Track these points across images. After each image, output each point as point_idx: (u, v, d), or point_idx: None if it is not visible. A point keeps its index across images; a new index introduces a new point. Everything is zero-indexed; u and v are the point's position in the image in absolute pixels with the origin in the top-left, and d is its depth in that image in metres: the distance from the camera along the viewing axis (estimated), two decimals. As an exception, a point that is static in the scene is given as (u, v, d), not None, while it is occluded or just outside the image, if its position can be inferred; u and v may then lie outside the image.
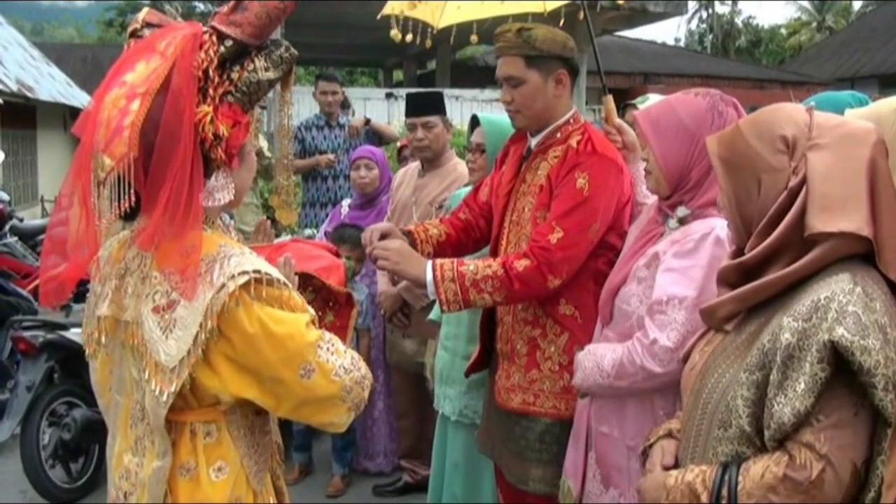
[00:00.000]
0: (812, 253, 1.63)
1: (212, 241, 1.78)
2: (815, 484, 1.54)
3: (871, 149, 1.68)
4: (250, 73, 1.78)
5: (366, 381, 1.86)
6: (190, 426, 1.81)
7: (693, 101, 2.36)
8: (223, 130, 1.72)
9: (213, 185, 1.81)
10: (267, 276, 1.74)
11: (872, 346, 1.50)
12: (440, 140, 4.26)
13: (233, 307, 1.69)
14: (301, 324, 1.77)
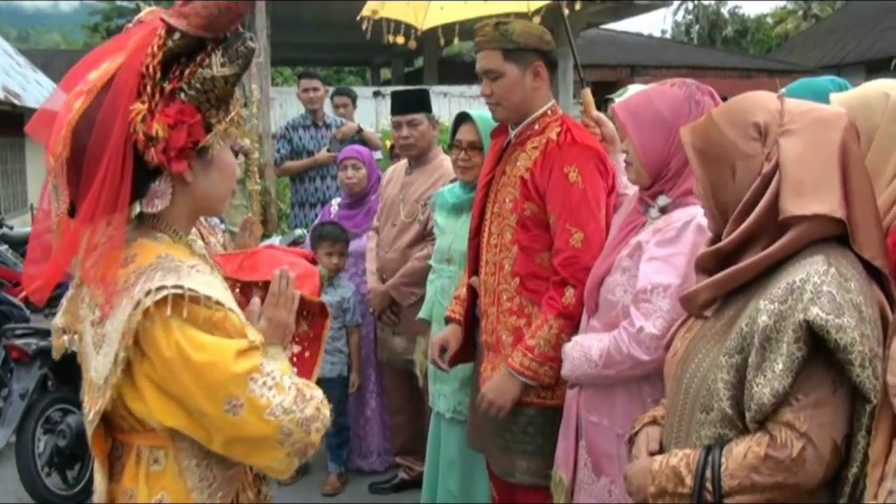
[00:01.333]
0: (786, 236, 1.66)
1: (150, 251, 1.67)
2: (797, 462, 1.57)
3: (842, 133, 1.71)
4: (203, 69, 1.65)
5: (314, 425, 1.66)
6: (136, 450, 1.71)
7: (670, 92, 2.40)
8: (158, 130, 1.59)
9: (155, 191, 1.68)
10: (192, 292, 1.59)
11: (847, 324, 1.53)
12: (426, 137, 4.27)
13: (149, 326, 1.57)
14: (228, 352, 1.59)
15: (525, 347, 2.80)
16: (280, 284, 1.85)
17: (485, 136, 3.49)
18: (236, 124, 1.75)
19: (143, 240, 1.70)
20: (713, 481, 1.65)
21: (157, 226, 1.74)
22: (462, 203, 3.65)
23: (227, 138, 1.74)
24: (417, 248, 4.23)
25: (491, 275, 3.01)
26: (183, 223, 1.77)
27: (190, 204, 1.76)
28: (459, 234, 3.56)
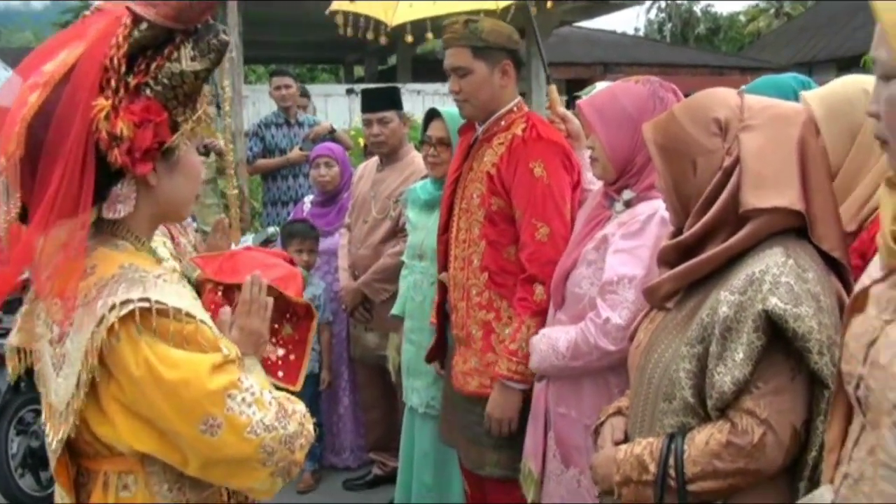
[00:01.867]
0: (745, 228, 1.70)
1: (112, 261, 1.54)
2: (758, 448, 1.62)
3: (801, 128, 1.75)
4: (172, 63, 1.52)
5: (297, 441, 1.56)
6: (104, 476, 1.58)
7: (634, 89, 2.44)
8: (122, 129, 1.46)
9: (117, 194, 1.55)
10: (159, 305, 1.47)
11: (805, 313, 1.58)
12: (396, 135, 4.29)
13: (115, 344, 1.44)
14: (203, 367, 1.47)
15: (508, 353, 2.83)
16: (252, 291, 1.75)
17: (453, 133, 3.52)
18: (203, 123, 1.64)
19: (103, 248, 1.57)
20: (676, 468, 1.69)
21: (117, 233, 1.61)
22: (434, 199, 3.67)
23: (193, 138, 1.63)
24: (389, 244, 4.25)
25: (460, 270, 3.04)
26: (145, 229, 1.65)
27: (153, 209, 1.63)
28: (432, 230, 3.58)
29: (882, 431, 1.23)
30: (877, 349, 1.27)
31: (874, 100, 1.31)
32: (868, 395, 1.28)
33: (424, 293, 3.66)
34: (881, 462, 1.24)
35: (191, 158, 1.66)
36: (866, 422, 1.30)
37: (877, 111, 1.30)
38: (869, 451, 1.28)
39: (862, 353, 1.31)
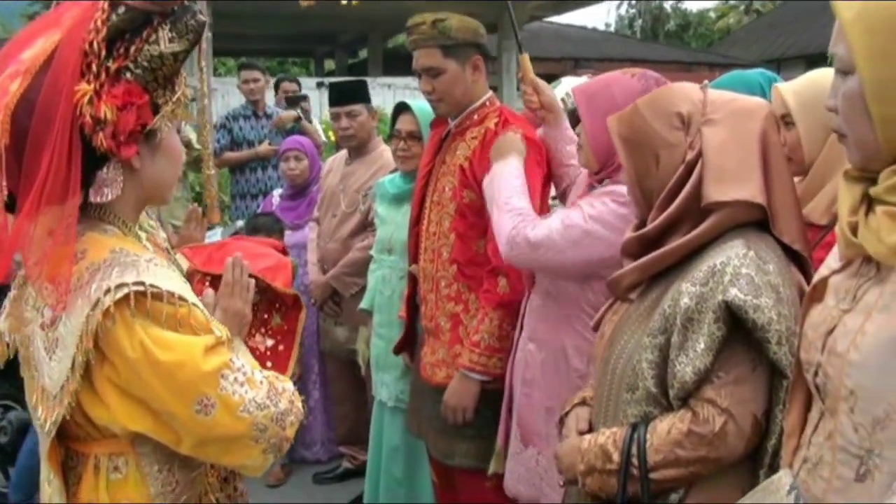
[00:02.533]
0: (707, 221, 1.73)
1: (102, 245, 1.56)
2: (719, 436, 1.64)
3: (762, 122, 1.78)
4: (151, 46, 1.53)
5: (288, 418, 1.61)
6: (94, 459, 1.60)
7: (628, 83, 2.42)
8: (106, 113, 1.47)
9: (104, 178, 1.56)
10: (153, 288, 1.49)
11: (765, 304, 1.61)
12: (365, 128, 4.29)
13: (110, 326, 1.46)
14: (196, 349, 1.51)
15: (471, 344, 2.85)
16: (234, 273, 1.78)
17: (424, 127, 3.53)
18: (182, 105, 1.65)
19: (92, 233, 1.58)
20: (639, 457, 1.71)
21: (104, 217, 1.63)
22: (403, 193, 3.68)
23: (173, 120, 1.64)
24: (358, 238, 4.25)
25: (430, 262, 3.06)
26: (131, 213, 1.67)
27: (137, 192, 1.65)
28: (401, 224, 3.60)
29: (839, 417, 1.26)
30: (834, 338, 1.30)
31: (832, 94, 1.35)
32: (826, 383, 1.31)
33: (393, 287, 3.67)
34: (839, 447, 1.27)
35: (172, 140, 1.69)
36: (825, 408, 1.34)
37: (834, 105, 1.34)
38: (827, 436, 1.31)
39: (820, 342, 1.34)
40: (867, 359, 1.21)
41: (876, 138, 1.26)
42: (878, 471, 1.19)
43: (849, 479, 1.25)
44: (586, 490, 1.84)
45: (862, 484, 1.22)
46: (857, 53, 1.25)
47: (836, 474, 1.28)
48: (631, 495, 1.74)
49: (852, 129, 1.31)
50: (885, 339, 1.19)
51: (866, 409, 1.21)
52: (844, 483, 1.25)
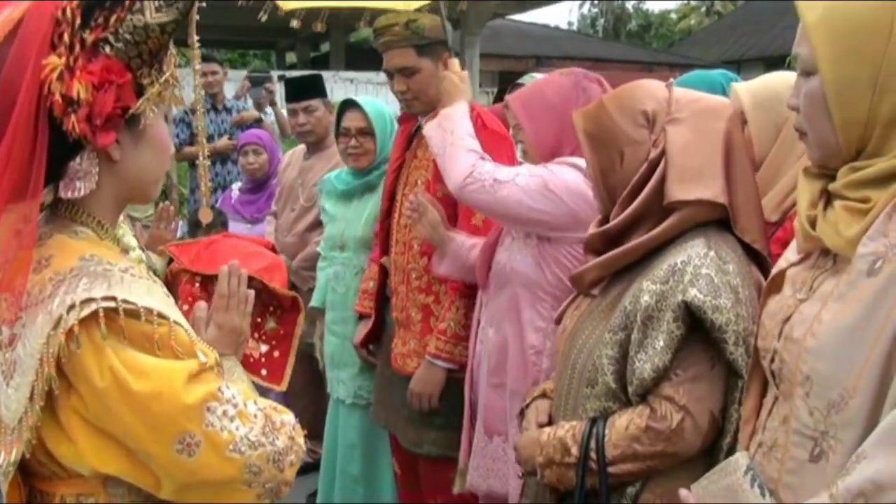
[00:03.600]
0: (669, 219, 1.75)
1: (71, 251, 1.33)
2: (676, 432, 1.67)
3: (727, 122, 1.80)
4: (134, 15, 1.30)
5: (287, 458, 1.38)
6: (60, 499, 1.37)
7: (559, 81, 2.46)
8: (79, 91, 1.25)
9: (76, 170, 1.33)
10: (127, 304, 1.27)
11: (724, 304, 1.63)
12: (322, 123, 4.26)
13: (75, 350, 1.24)
14: (177, 377, 1.28)
15: (438, 332, 2.89)
16: (230, 283, 1.58)
17: (376, 121, 3.52)
18: (171, 87, 1.41)
19: (60, 236, 1.36)
20: (597, 451, 1.73)
21: (76, 217, 1.40)
22: (352, 189, 3.66)
23: (160, 104, 1.39)
24: (316, 232, 4.21)
25: (401, 254, 3.09)
26: (108, 213, 1.43)
27: (117, 188, 1.41)
28: (352, 220, 3.60)
29: (794, 401, 1.30)
30: (791, 325, 1.34)
31: (794, 94, 1.38)
32: (782, 368, 1.35)
33: (347, 284, 3.65)
34: (793, 429, 1.31)
35: (159, 128, 1.45)
36: (779, 393, 1.38)
37: (796, 104, 1.37)
38: (782, 420, 1.35)
39: (777, 329, 1.38)
40: (823, 345, 1.25)
41: (836, 137, 1.30)
42: (833, 452, 1.23)
43: (802, 459, 1.29)
44: (545, 482, 1.86)
45: (816, 464, 1.26)
46: (820, 55, 1.28)
47: (789, 455, 1.32)
48: (589, 488, 1.76)
49: (813, 128, 1.35)
50: (841, 327, 1.22)
51: (821, 394, 1.25)
52: (798, 464, 1.30)
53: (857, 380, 1.19)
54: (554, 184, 2.31)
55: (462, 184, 2.40)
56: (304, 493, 4.39)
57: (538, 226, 2.36)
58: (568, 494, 1.84)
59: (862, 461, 1.14)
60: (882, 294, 1.18)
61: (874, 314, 1.18)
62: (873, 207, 1.24)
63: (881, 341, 1.17)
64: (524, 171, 2.37)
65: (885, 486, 1.09)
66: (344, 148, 3.64)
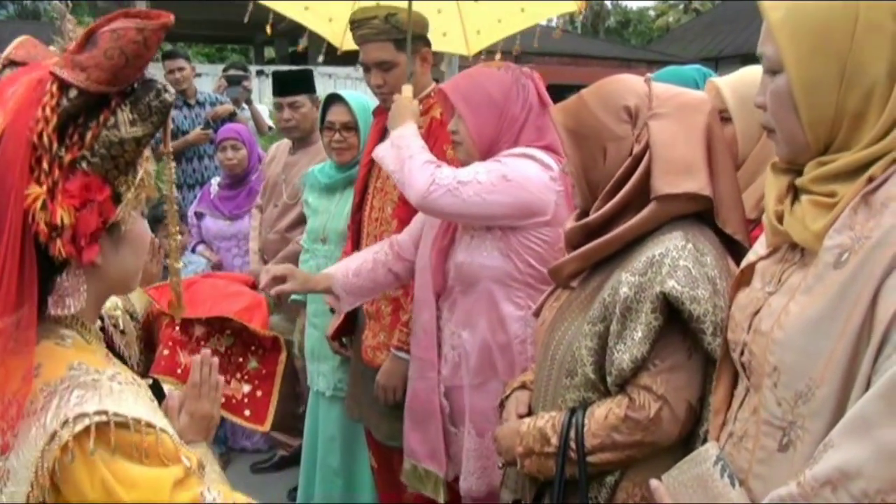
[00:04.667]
0: (645, 210, 1.77)
1: (59, 360, 1.33)
2: (654, 422, 1.70)
3: (707, 116, 1.84)
4: (109, 131, 1.31)
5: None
6: None
7: (499, 76, 2.49)
8: (63, 217, 1.26)
9: (64, 287, 1.34)
10: (118, 417, 1.27)
11: (701, 295, 1.66)
12: (308, 119, 4.25)
13: (67, 463, 1.24)
14: (165, 484, 1.30)
15: (402, 324, 2.91)
16: (202, 373, 1.61)
17: (360, 116, 3.53)
18: (146, 185, 1.41)
19: (47, 343, 1.35)
20: (577, 441, 1.75)
21: (60, 321, 1.39)
22: (335, 183, 3.67)
23: (138, 206, 1.40)
24: (298, 230, 4.20)
25: None
26: (91, 313, 1.44)
27: (99, 289, 1.42)
28: (334, 214, 3.61)
29: (763, 392, 1.33)
30: (759, 318, 1.37)
31: (760, 92, 1.41)
32: (751, 360, 1.38)
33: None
34: (762, 420, 1.33)
35: (137, 228, 1.44)
36: (750, 385, 1.41)
37: (763, 102, 1.40)
38: (752, 411, 1.38)
39: (746, 322, 1.41)
40: (790, 336, 1.27)
41: (804, 134, 1.33)
42: (801, 441, 1.26)
43: (772, 449, 1.31)
44: (524, 472, 1.89)
45: (784, 454, 1.29)
46: (786, 54, 1.31)
47: (759, 445, 1.34)
48: (568, 477, 1.79)
49: (781, 125, 1.38)
50: (808, 319, 1.25)
51: (789, 384, 1.27)
52: (767, 453, 1.32)
53: (824, 370, 1.21)
54: (512, 174, 2.34)
55: (426, 192, 2.41)
56: (286, 489, 4.40)
57: (505, 218, 2.39)
58: (547, 484, 1.86)
59: (829, 450, 1.16)
60: (848, 286, 1.20)
61: (840, 306, 1.21)
62: (839, 201, 1.27)
63: (847, 332, 1.19)
64: (481, 168, 2.40)
65: (852, 474, 1.12)
66: (328, 142, 3.66)
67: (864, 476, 1.11)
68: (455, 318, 2.59)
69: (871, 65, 1.25)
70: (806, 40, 1.29)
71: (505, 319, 2.47)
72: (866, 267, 1.18)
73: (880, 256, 1.17)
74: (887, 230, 1.18)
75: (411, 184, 2.47)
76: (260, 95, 12.47)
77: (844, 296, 1.20)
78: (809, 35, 1.28)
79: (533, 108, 2.49)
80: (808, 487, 1.16)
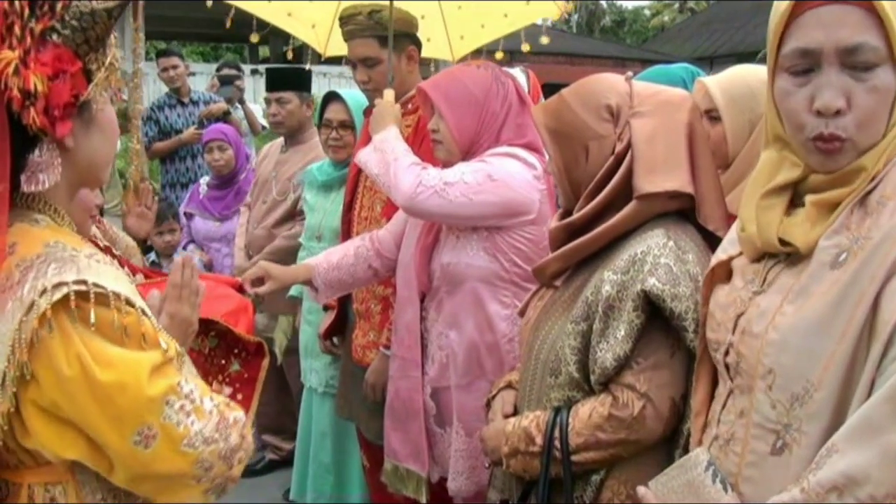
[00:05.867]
0: (627, 208, 1.77)
1: (34, 238, 1.33)
2: (638, 419, 1.70)
3: (688, 114, 1.84)
4: (80, 1, 1.30)
5: (237, 455, 1.39)
6: (28, 489, 1.37)
7: (478, 74, 2.50)
8: (36, 84, 1.24)
9: (37, 163, 1.32)
10: (97, 288, 1.26)
11: (683, 293, 1.66)
12: (294, 116, 4.25)
13: (45, 335, 1.23)
14: (142, 368, 1.28)
15: (390, 322, 2.91)
16: (183, 274, 1.58)
17: (356, 115, 3.55)
18: (115, 70, 1.39)
19: (21, 224, 1.35)
20: (561, 440, 1.75)
21: (32, 205, 1.39)
22: (331, 181, 3.69)
23: (107, 89, 1.39)
24: (285, 226, 4.22)
25: None
26: (63, 199, 1.42)
27: (70, 174, 1.40)
28: (329, 211, 3.63)
29: (756, 395, 1.31)
30: (748, 318, 1.35)
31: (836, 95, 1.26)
32: (739, 362, 1.36)
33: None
34: (753, 423, 1.32)
35: (108, 112, 1.44)
36: (735, 386, 1.39)
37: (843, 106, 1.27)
38: (739, 414, 1.37)
39: (731, 323, 1.40)
40: (787, 338, 1.26)
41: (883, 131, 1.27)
42: (797, 444, 1.24)
43: (763, 452, 1.30)
44: (510, 471, 1.89)
45: (778, 457, 1.27)
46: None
47: (749, 449, 1.33)
48: (553, 476, 1.79)
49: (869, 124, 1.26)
50: (806, 320, 1.24)
51: (785, 387, 1.26)
52: (759, 457, 1.31)
53: (823, 373, 1.20)
54: (498, 174, 2.35)
55: (413, 194, 2.41)
56: (280, 490, 4.38)
57: (493, 218, 2.39)
58: (534, 483, 1.85)
59: (833, 455, 1.15)
60: (849, 287, 1.19)
61: (841, 307, 1.19)
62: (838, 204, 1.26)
63: (848, 334, 1.18)
64: (467, 168, 2.41)
65: (859, 480, 1.11)
66: (325, 139, 3.69)
67: (871, 481, 1.10)
68: (442, 319, 2.59)
69: None
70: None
71: (492, 319, 2.47)
72: (868, 268, 1.17)
73: (883, 257, 1.17)
74: (888, 230, 1.17)
75: (397, 186, 2.46)
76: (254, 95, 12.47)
77: (845, 297, 1.19)
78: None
79: (513, 105, 2.50)
80: (814, 493, 1.15)
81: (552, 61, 19.34)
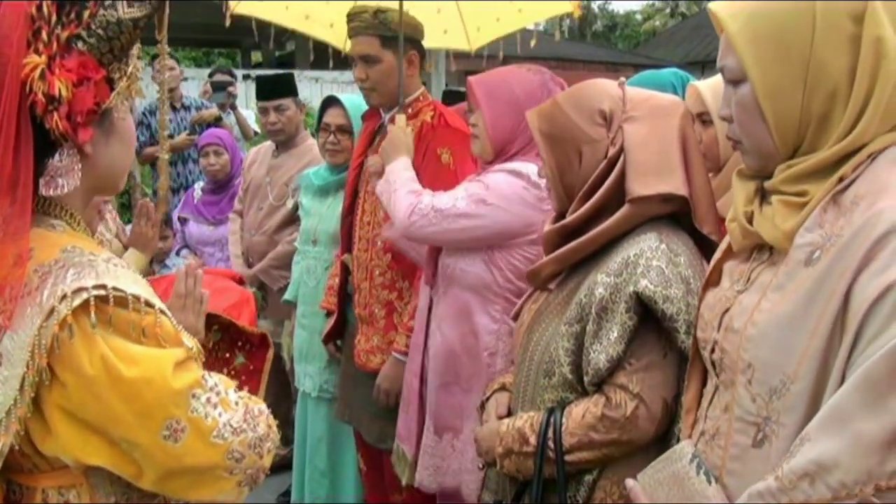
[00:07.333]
0: (620, 212, 1.80)
1: (51, 243, 1.34)
2: (630, 420, 1.72)
3: (680, 119, 1.86)
4: (107, 10, 1.32)
5: (265, 445, 1.41)
6: (42, 493, 1.38)
7: (526, 76, 2.51)
8: (61, 90, 1.26)
9: (57, 167, 1.33)
10: (116, 292, 1.28)
11: (675, 295, 1.68)
12: (293, 122, 4.28)
13: (66, 339, 1.24)
14: (166, 364, 1.30)
15: (405, 328, 2.93)
16: (186, 284, 1.62)
17: (354, 120, 3.57)
18: (136, 79, 1.43)
19: (38, 229, 1.35)
20: (555, 440, 1.77)
21: (49, 211, 1.40)
22: (328, 185, 3.71)
23: (128, 98, 1.42)
24: (286, 231, 4.24)
25: (364, 251, 3.13)
26: (79, 205, 1.43)
27: (88, 181, 1.40)
28: (325, 216, 3.65)
29: (738, 389, 1.34)
30: (730, 316, 1.39)
31: (724, 104, 1.43)
32: (723, 358, 1.39)
33: (318, 278, 3.69)
34: (735, 416, 1.35)
35: (127, 122, 1.47)
36: (720, 382, 1.42)
37: (728, 114, 1.42)
38: (723, 408, 1.40)
39: (716, 321, 1.43)
40: (764, 333, 1.29)
41: (773, 140, 1.35)
42: (776, 436, 1.27)
43: (745, 445, 1.33)
44: (504, 472, 1.90)
45: (759, 449, 1.31)
46: (747, 62, 1.33)
47: (732, 442, 1.36)
48: (546, 476, 1.81)
49: (748, 134, 1.39)
50: (781, 315, 1.27)
51: (763, 380, 1.29)
52: (741, 450, 1.34)
53: (798, 366, 1.23)
54: (492, 197, 2.38)
55: (407, 222, 2.47)
56: (275, 493, 4.38)
57: (486, 240, 2.43)
58: (527, 484, 1.87)
59: (806, 443, 1.18)
60: (821, 283, 1.22)
61: (813, 302, 1.22)
62: (810, 200, 1.29)
63: (820, 328, 1.21)
64: (461, 193, 2.45)
65: (829, 466, 1.14)
66: (323, 143, 3.71)
67: (841, 468, 1.13)
68: (436, 316, 2.64)
69: (832, 65, 1.27)
70: (766, 47, 1.31)
71: (478, 330, 2.51)
72: (838, 264, 1.20)
73: (852, 254, 1.19)
74: (858, 228, 1.20)
75: (395, 214, 2.54)
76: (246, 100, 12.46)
77: (817, 293, 1.22)
78: (769, 41, 1.31)
79: None
80: (787, 480, 1.18)
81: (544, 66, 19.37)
